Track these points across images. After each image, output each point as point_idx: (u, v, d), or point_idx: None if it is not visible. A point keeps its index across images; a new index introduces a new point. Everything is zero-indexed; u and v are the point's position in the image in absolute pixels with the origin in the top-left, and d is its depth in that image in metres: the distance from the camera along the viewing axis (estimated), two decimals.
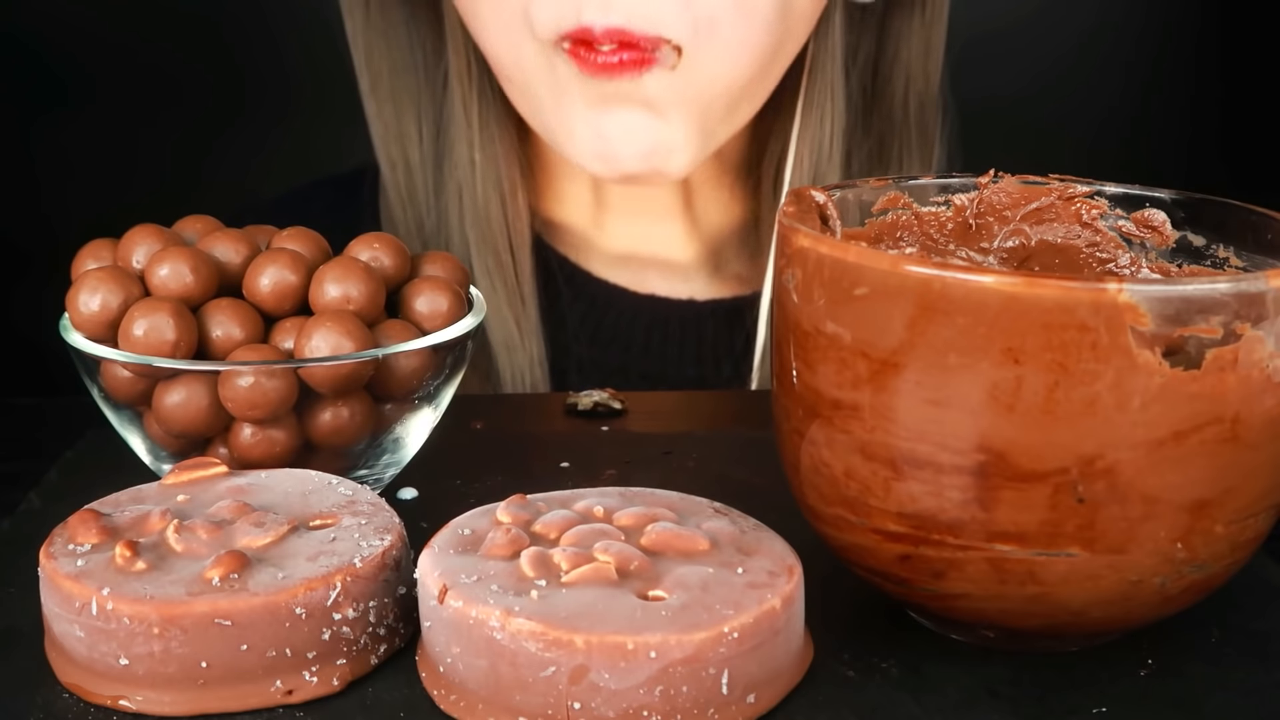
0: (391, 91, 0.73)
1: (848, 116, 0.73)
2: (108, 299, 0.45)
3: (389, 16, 0.72)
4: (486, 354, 0.73)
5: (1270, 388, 0.35)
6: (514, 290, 0.73)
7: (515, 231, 0.73)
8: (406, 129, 0.73)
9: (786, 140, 0.74)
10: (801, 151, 0.73)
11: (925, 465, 0.36)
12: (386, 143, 0.74)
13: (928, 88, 0.74)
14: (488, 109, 0.72)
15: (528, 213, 0.74)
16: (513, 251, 0.73)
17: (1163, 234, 0.44)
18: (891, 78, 0.74)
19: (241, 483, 0.42)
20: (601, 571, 0.36)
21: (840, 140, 0.73)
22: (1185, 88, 0.75)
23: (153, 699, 0.36)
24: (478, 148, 0.72)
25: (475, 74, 0.72)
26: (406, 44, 0.73)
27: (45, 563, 0.38)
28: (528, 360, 0.73)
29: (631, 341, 0.75)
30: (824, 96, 0.72)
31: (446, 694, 0.36)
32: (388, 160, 0.74)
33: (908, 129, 0.75)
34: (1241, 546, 0.37)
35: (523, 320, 0.73)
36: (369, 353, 0.44)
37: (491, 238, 0.73)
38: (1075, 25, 0.75)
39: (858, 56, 0.73)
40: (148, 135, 0.73)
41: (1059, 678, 0.39)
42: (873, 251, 0.36)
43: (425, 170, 0.74)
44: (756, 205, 0.76)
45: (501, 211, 0.73)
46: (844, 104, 0.73)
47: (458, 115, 0.73)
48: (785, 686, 0.37)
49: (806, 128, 0.72)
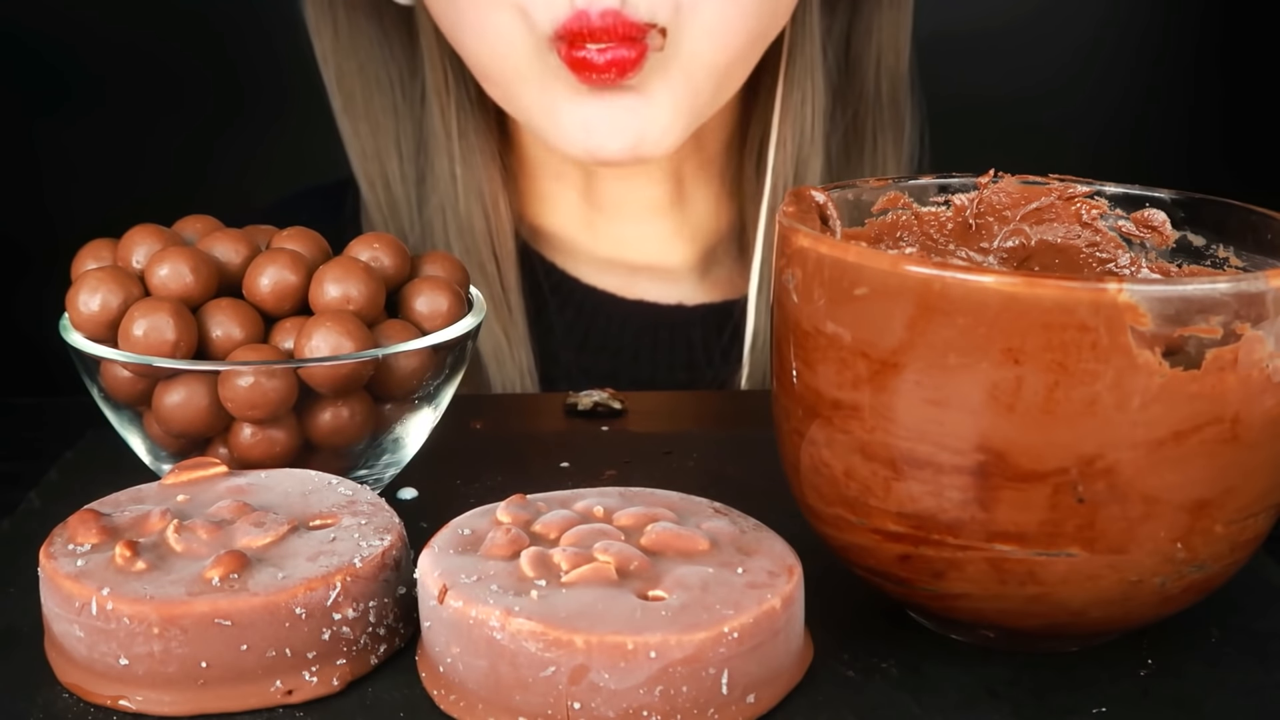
0: (366, 111, 0.73)
1: (827, 96, 0.73)
2: (108, 299, 0.45)
3: (358, 37, 0.72)
4: (478, 364, 0.73)
5: (1270, 388, 0.35)
6: (500, 301, 0.73)
7: (499, 243, 0.73)
8: (385, 147, 0.73)
9: (767, 125, 0.73)
10: (785, 133, 0.72)
11: (925, 465, 0.36)
12: (365, 162, 0.73)
13: (898, 64, 0.74)
14: (466, 120, 0.72)
15: (511, 223, 0.74)
16: (498, 262, 0.73)
17: (1163, 234, 0.44)
18: (863, 56, 0.74)
19: (241, 483, 0.42)
20: (601, 571, 0.36)
21: (821, 121, 0.73)
22: (1186, 88, 0.75)
23: (153, 699, 0.36)
24: (458, 160, 0.72)
25: (453, 86, 0.72)
26: (380, 62, 0.73)
27: (45, 563, 0.38)
28: (517, 371, 0.73)
29: (621, 347, 0.75)
30: (804, 78, 0.72)
31: (446, 694, 0.36)
32: (366, 180, 0.73)
33: (880, 106, 0.75)
34: (1241, 546, 0.37)
35: (510, 330, 0.73)
36: (369, 353, 0.44)
37: (476, 249, 0.72)
38: (1077, 26, 0.75)
39: (831, 35, 0.73)
40: (148, 136, 0.73)
41: (1059, 678, 0.39)
42: (873, 251, 0.36)
43: (407, 186, 0.73)
44: (741, 196, 0.76)
45: (485, 222, 0.73)
46: (824, 84, 0.72)
47: (437, 129, 0.72)
48: (785, 686, 0.37)
49: (788, 110, 0.72)
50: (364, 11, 0.72)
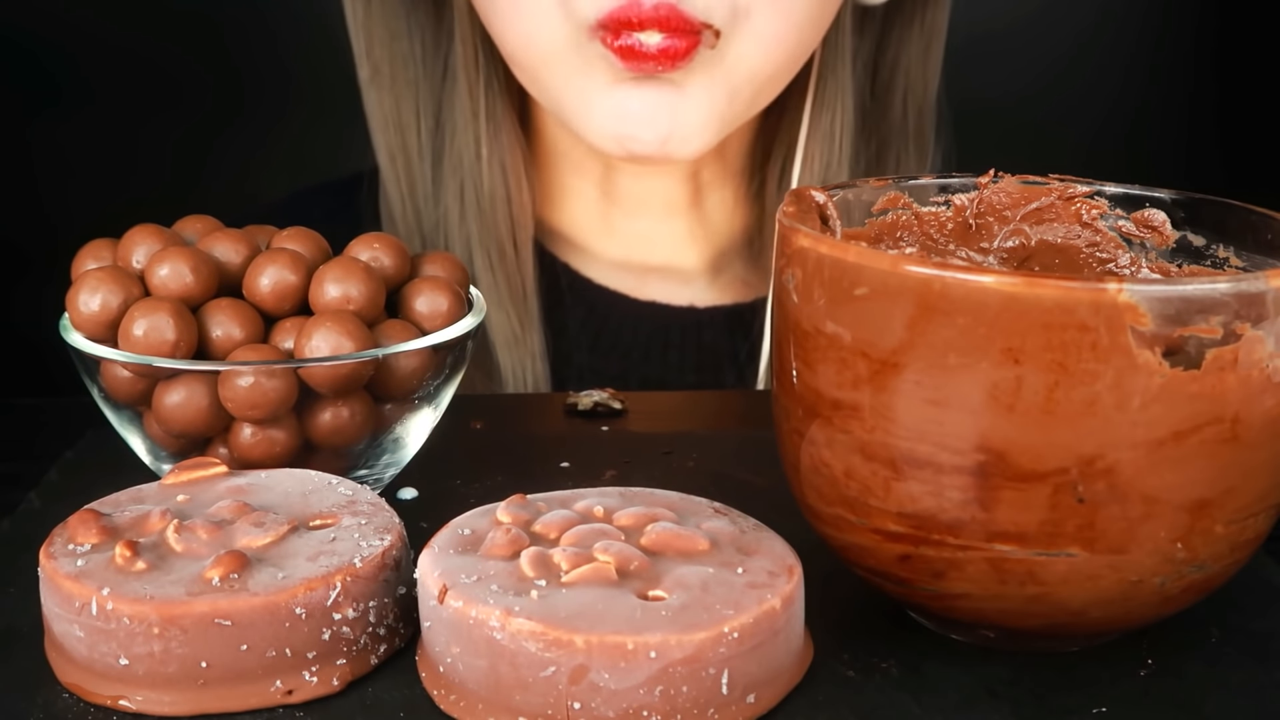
0: (391, 82, 0.72)
1: (856, 118, 0.73)
2: (108, 299, 0.45)
3: (390, 7, 0.72)
4: (488, 350, 0.72)
5: (1270, 388, 0.35)
6: (516, 285, 0.72)
7: (520, 225, 0.72)
8: (405, 119, 0.73)
9: (792, 142, 0.73)
10: (811, 151, 0.72)
11: (925, 465, 0.36)
12: (386, 133, 0.73)
13: (925, 96, 0.74)
14: (494, 100, 0.71)
15: (532, 207, 0.73)
16: (516, 246, 0.72)
17: (1163, 234, 0.44)
18: (891, 85, 0.74)
19: (241, 483, 0.42)
20: (601, 571, 0.36)
21: (850, 142, 0.72)
22: (1184, 87, 0.75)
23: (153, 699, 0.36)
24: (484, 140, 0.71)
25: (483, 65, 0.71)
26: (406, 34, 0.72)
27: (45, 563, 0.38)
28: (529, 356, 0.73)
29: (632, 348, 0.75)
30: (834, 97, 0.72)
31: (446, 694, 0.36)
32: (386, 151, 0.73)
33: (905, 136, 0.75)
34: (1241, 546, 0.37)
35: (524, 315, 0.73)
36: (369, 353, 0.44)
37: (495, 230, 0.71)
38: (1075, 25, 0.75)
39: (858, 61, 0.73)
40: (147, 135, 0.73)
41: (1059, 678, 0.39)
42: (873, 251, 0.36)
43: (424, 162, 0.73)
44: (761, 209, 0.76)
45: (507, 203, 0.72)
46: (853, 105, 0.72)
47: (462, 106, 0.71)
48: (785, 686, 0.37)
49: (816, 128, 0.72)
50: None
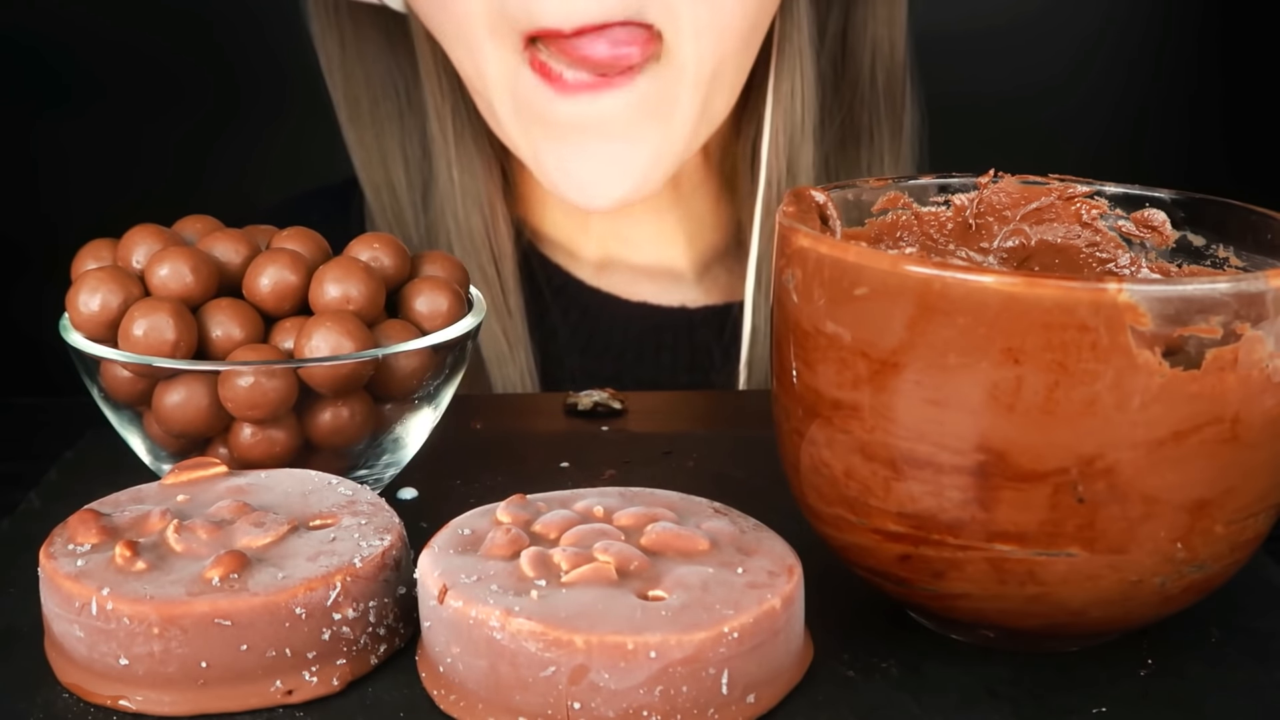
0: (372, 119, 0.73)
1: (819, 88, 0.73)
2: (108, 299, 0.45)
3: (365, 46, 0.73)
4: (480, 368, 0.73)
5: (1270, 388, 0.35)
6: (500, 304, 0.74)
7: (497, 246, 0.74)
8: (390, 154, 0.74)
9: (760, 119, 0.74)
10: (776, 124, 0.73)
11: (925, 465, 0.36)
12: (370, 169, 0.74)
13: (894, 56, 0.74)
14: (463, 125, 0.73)
15: (511, 227, 0.75)
16: (496, 265, 0.74)
17: (1163, 234, 0.44)
18: (858, 48, 0.74)
19: (241, 483, 0.42)
20: (601, 571, 0.36)
21: (813, 110, 0.73)
22: (1186, 87, 0.75)
23: (153, 699, 0.36)
24: (455, 165, 0.73)
25: (448, 91, 0.72)
26: (385, 70, 0.73)
27: (45, 563, 0.38)
28: (518, 372, 0.74)
29: (624, 350, 0.75)
30: (793, 67, 0.72)
31: (446, 694, 0.36)
32: (371, 186, 0.74)
33: (876, 99, 0.75)
34: (1241, 546, 0.37)
35: (510, 332, 0.74)
36: (369, 353, 0.44)
37: (475, 253, 0.73)
38: (1077, 25, 0.75)
39: (827, 32, 0.73)
40: (148, 135, 0.73)
41: (1059, 678, 0.39)
42: (873, 251, 0.36)
43: (413, 193, 0.74)
44: (735, 196, 0.76)
45: (483, 227, 0.73)
46: (814, 76, 0.73)
47: (435, 134, 0.73)
48: (785, 686, 0.37)
49: (779, 100, 0.73)
50: (369, 21, 0.72)
